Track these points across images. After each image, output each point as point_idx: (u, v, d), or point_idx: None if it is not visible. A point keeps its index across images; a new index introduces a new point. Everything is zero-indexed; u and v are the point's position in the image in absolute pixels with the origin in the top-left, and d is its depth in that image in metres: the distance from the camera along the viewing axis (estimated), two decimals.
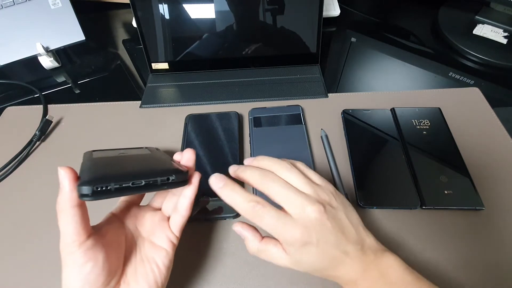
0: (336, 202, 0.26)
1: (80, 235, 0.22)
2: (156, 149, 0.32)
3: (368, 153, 0.38)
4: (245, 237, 0.27)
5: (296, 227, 0.23)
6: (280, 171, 0.26)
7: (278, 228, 0.24)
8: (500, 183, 0.36)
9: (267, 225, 0.24)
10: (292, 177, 0.26)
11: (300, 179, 0.26)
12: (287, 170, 0.26)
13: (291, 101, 0.46)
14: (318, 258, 0.24)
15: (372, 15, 0.61)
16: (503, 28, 0.53)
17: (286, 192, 0.24)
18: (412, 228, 0.33)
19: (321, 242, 0.23)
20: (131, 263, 0.25)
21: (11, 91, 0.51)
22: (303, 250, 0.24)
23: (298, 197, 0.24)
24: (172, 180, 0.23)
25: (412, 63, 0.51)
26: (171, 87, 0.49)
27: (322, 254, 0.24)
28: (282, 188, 0.25)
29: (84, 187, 0.20)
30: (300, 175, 0.26)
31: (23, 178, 0.40)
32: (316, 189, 0.25)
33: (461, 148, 0.38)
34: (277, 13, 0.46)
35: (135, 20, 0.45)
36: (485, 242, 0.32)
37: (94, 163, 0.24)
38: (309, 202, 0.24)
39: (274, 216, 0.24)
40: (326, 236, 0.24)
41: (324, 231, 0.24)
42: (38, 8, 0.51)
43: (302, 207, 0.24)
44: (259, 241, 0.26)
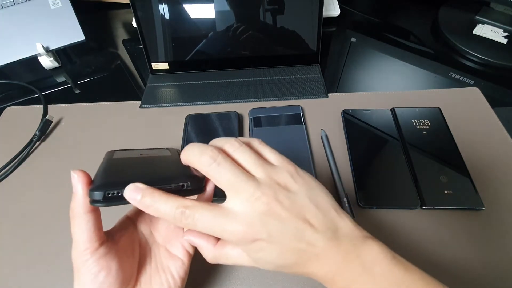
0: (296, 184, 0.21)
1: (93, 242, 0.21)
2: (176, 151, 0.31)
3: (368, 153, 0.38)
4: (198, 246, 0.23)
5: (237, 223, 0.20)
6: (230, 150, 0.22)
7: (217, 229, 0.20)
8: (500, 183, 0.36)
9: (204, 229, 0.20)
10: (241, 156, 0.22)
11: (250, 159, 0.21)
12: (236, 149, 0.22)
13: (291, 101, 0.46)
14: (276, 255, 0.20)
15: (372, 15, 0.61)
16: (503, 28, 0.53)
17: (229, 178, 0.20)
18: (412, 228, 0.33)
19: (274, 235, 0.20)
20: (146, 271, 0.24)
21: (11, 91, 0.51)
22: (254, 247, 0.20)
23: (244, 185, 0.20)
24: (187, 187, 0.22)
25: (412, 63, 0.51)
26: (171, 87, 0.49)
27: (279, 249, 0.20)
28: (225, 173, 0.20)
29: (95, 192, 0.20)
30: (252, 154, 0.22)
31: (23, 178, 0.40)
32: (270, 172, 0.21)
33: (461, 148, 0.38)
34: (277, 13, 0.46)
35: (135, 20, 0.45)
36: (485, 242, 0.32)
37: (110, 166, 0.23)
38: (255, 190, 0.20)
39: (209, 218, 0.20)
40: (281, 228, 0.20)
41: (277, 222, 0.20)
42: (38, 8, 0.51)
43: (248, 196, 0.20)
44: (213, 246, 0.23)
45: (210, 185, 0.23)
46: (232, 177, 0.20)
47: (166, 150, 0.31)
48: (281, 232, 0.20)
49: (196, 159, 0.21)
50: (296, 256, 0.20)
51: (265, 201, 0.20)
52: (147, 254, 0.25)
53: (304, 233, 0.20)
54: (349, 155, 0.38)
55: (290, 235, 0.20)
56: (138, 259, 0.24)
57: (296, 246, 0.20)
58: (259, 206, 0.20)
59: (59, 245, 0.33)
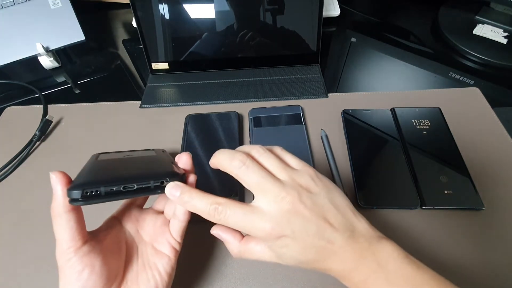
0: (316, 187, 0.23)
1: (76, 241, 0.21)
2: (162, 151, 0.32)
3: (368, 153, 0.38)
4: (225, 241, 0.25)
5: (265, 220, 0.21)
6: (256, 155, 0.24)
7: (246, 225, 0.22)
8: (500, 183, 0.36)
9: (235, 225, 0.22)
10: (266, 161, 0.24)
11: (275, 163, 0.24)
12: (261, 154, 0.24)
13: (291, 101, 0.46)
14: (299, 251, 0.22)
15: (372, 15, 0.61)
16: (503, 28, 0.53)
17: (257, 180, 0.22)
18: (412, 228, 0.33)
19: (298, 233, 0.21)
20: (132, 268, 0.25)
21: (11, 91, 0.51)
22: (279, 243, 0.22)
23: (270, 186, 0.22)
24: (167, 183, 0.23)
25: (412, 63, 0.51)
26: (171, 87, 0.49)
27: (302, 246, 0.21)
28: (253, 175, 0.23)
29: (73, 191, 0.20)
30: (275, 159, 0.24)
31: (23, 178, 0.40)
32: (293, 175, 0.23)
33: (461, 148, 0.38)
34: (277, 13, 0.46)
35: (135, 20, 0.45)
36: (485, 242, 0.32)
37: (93, 167, 0.24)
38: (281, 191, 0.22)
39: (240, 214, 0.22)
40: (304, 226, 0.21)
41: (301, 221, 0.21)
42: (38, 8, 0.51)
43: (274, 197, 0.22)
44: (239, 242, 0.24)
45: (191, 179, 0.25)
46: (260, 179, 0.22)
47: (152, 151, 0.31)
48: (304, 230, 0.21)
49: (227, 163, 0.23)
50: (317, 252, 0.22)
51: (289, 201, 0.22)
52: (133, 252, 0.26)
53: (324, 231, 0.22)
54: (349, 155, 0.38)
55: (312, 233, 0.21)
56: (125, 257, 0.25)
57: (317, 243, 0.21)
58: (285, 206, 0.22)
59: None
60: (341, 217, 0.22)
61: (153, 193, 0.23)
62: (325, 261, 0.22)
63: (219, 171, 0.37)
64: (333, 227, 0.22)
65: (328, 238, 0.21)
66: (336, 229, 0.22)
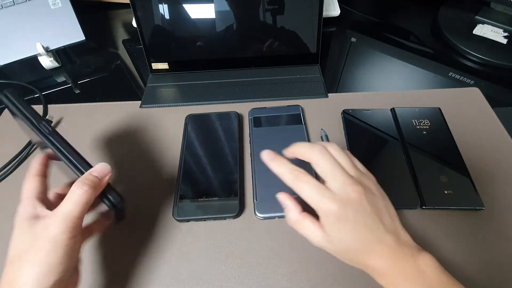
0: (377, 191, 0.26)
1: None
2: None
3: (368, 153, 0.38)
4: (286, 206, 0.28)
5: (334, 201, 0.24)
6: (331, 150, 0.27)
7: (316, 198, 0.25)
8: (500, 183, 0.36)
9: (306, 194, 0.25)
10: (340, 157, 0.27)
11: (347, 161, 0.27)
12: (336, 151, 0.27)
13: (291, 101, 0.46)
14: (352, 236, 0.24)
15: (372, 15, 0.61)
16: (503, 28, 0.53)
17: (331, 167, 0.26)
18: (412, 228, 0.33)
19: (356, 220, 0.24)
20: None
21: None
22: (337, 225, 0.24)
23: (342, 175, 0.25)
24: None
25: (412, 63, 0.51)
26: (171, 87, 0.49)
27: (356, 233, 0.24)
28: (328, 162, 0.26)
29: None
30: (348, 158, 0.27)
31: (23, 178, 0.39)
32: (360, 175, 0.26)
33: (461, 148, 0.38)
34: (277, 13, 0.46)
35: (135, 20, 0.45)
36: (485, 242, 0.32)
37: None
38: (352, 182, 0.25)
39: (315, 187, 0.25)
40: (363, 217, 0.24)
41: (362, 211, 0.24)
42: (38, 8, 0.51)
43: (344, 184, 0.25)
44: (299, 213, 0.27)
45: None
46: (334, 167, 0.26)
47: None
48: (363, 220, 0.24)
49: (306, 150, 0.27)
50: (365, 244, 0.24)
51: (357, 192, 0.24)
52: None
53: (378, 228, 0.24)
54: None
55: (369, 225, 0.24)
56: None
57: (369, 236, 0.24)
58: (352, 194, 0.24)
59: None
60: (392, 222, 0.25)
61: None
62: (369, 255, 0.24)
63: (219, 171, 0.37)
64: (385, 227, 0.24)
65: (379, 235, 0.24)
66: (387, 230, 0.24)
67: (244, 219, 0.35)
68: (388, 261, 0.23)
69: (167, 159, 0.40)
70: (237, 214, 0.34)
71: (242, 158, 0.39)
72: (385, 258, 0.24)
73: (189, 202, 0.35)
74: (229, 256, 0.32)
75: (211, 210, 0.34)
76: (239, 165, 0.38)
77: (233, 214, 0.34)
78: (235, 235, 0.34)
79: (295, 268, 0.31)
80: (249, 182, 0.37)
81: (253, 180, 0.36)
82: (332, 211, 0.24)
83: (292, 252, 0.32)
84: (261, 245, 0.33)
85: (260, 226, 0.34)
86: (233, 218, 0.34)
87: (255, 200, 0.35)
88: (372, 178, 0.28)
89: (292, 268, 0.31)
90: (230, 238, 0.33)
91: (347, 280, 0.30)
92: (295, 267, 0.31)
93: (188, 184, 0.36)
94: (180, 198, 0.35)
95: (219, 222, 0.34)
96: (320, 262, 0.31)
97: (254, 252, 0.32)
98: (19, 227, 0.26)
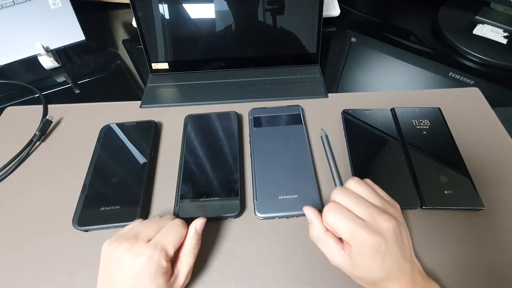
0: (401, 218, 0.27)
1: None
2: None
3: (368, 153, 0.38)
4: (312, 221, 0.29)
5: (368, 232, 0.25)
6: (351, 186, 0.28)
7: (353, 228, 0.25)
8: (500, 183, 0.36)
9: (340, 225, 0.26)
10: (361, 190, 0.28)
11: (370, 192, 0.28)
12: (357, 184, 0.28)
13: (291, 101, 0.46)
14: (379, 269, 0.25)
15: (372, 15, 0.61)
16: (503, 28, 0.53)
17: (355, 201, 0.27)
18: (412, 228, 0.33)
19: (387, 254, 0.24)
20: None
21: (11, 91, 0.51)
22: (369, 256, 0.25)
23: (368, 206, 0.26)
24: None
25: (412, 63, 0.51)
26: (171, 87, 0.49)
27: (384, 264, 0.24)
28: (351, 198, 0.27)
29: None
30: (370, 188, 0.28)
31: (23, 178, 0.40)
32: (385, 203, 0.27)
33: (461, 148, 0.38)
34: (277, 13, 0.46)
35: (135, 20, 0.45)
36: (485, 242, 0.32)
37: None
38: (379, 211, 0.26)
39: (349, 218, 0.26)
40: (392, 249, 0.25)
41: (391, 243, 0.25)
42: (38, 8, 0.51)
43: (371, 214, 0.26)
44: (324, 231, 0.27)
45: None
46: (358, 201, 0.27)
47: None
48: (391, 252, 0.25)
49: (327, 208, 0.28)
50: (388, 274, 0.25)
51: (386, 220, 0.25)
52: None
53: (400, 258, 0.25)
54: (349, 155, 0.38)
55: (394, 255, 0.25)
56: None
57: (392, 267, 0.25)
58: (382, 224, 0.25)
59: (58, 245, 0.33)
60: (410, 251, 0.26)
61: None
62: (389, 283, 0.25)
63: (219, 171, 0.37)
64: (405, 257, 0.25)
65: (400, 265, 0.25)
66: (406, 260, 0.25)
67: (244, 219, 0.35)
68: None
69: (167, 159, 0.40)
70: (238, 214, 0.34)
71: (242, 158, 0.39)
72: (401, 285, 0.25)
73: (189, 202, 0.35)
74: (229, 256, 0.32)
75: (212, 210, 0.34)
76: (239, 165, 0.38)
77: (234, 213, 0.34)
78: (235, 235, 0.34)
79: (295, 268, 0.31)
80: (249, 182, 0.37)
81: (253, 180, 0.36)
82: (367, 243, 0.24)
83: (292, 252, 0.32)
84: (261, 245, 0.33)
85: (260, 226, 0.34)
86: (234, 218, 0.34)
87: (255, 200, 0.35)
88: (397, 206, 0.28)
89: (292, 268, 0.31)
90: (230, 238, 0.33)
91: (347, 280, 0.30)
92: (295, 267, 0.31)
93: (189, 184, 0.36)
94: (181, 198, 0.35)
95: (219, 222, 0.34)
96: (320, 262, 0.31)
97: (254, 252, 0.32)
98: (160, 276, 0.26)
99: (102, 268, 0.27)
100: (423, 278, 0.26)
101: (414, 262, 0.27)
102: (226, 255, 0.32)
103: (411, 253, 0.27)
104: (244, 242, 0.33)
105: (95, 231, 0.34)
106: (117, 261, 0.26)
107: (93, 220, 0.34)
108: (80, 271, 0.32)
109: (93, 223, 0.33)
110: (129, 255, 0.25)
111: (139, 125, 0.42)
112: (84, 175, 0.37)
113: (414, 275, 0.26)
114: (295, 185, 0.35)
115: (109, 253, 0.26)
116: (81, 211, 0.34)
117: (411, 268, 0.25)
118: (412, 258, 0.26)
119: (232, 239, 0.33)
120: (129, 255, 0.25)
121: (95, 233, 0.34)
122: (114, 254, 0.26)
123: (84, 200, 0.35)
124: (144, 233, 0.27)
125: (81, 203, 0.35)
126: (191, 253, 0.28)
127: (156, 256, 0.25)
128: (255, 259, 0.32)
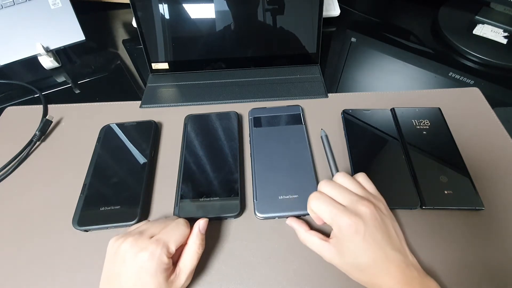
0: (386, 212, 0.28)
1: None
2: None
3: (368, 153, 0.38)
4: (294, 228, 0.31)
5: (346, 214, 0.26)
6: (338, 179, 0.30)
7: (333, 212, 0.27)
8: (500, 183, 0.36)
9: (322, 210, 0.28)
10: (346, 183, 0.29)
11: (355, 185, 0.29)
12: (343, 178, 0.30)
13: (291, 101, 0.46)
14: (362, 251, 0.25)
15: (372, 15, 0.61)
16: (503, 28, 0.53)
17: (338, 191, 0.28)
18: (412, 228, 0.33)
19: (367, 236, 0.25)
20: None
21: (11, 91, 0.51)
22: (349, 238, 0.25)
23: (349, 194, 0.28)
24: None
25: (412, 63, 0.51)
26: (171, 87, 0.49)
27: (366, 247, 0.25)
28: (335, 188, 0.29)
29: None
30: (355, 182, 0.29)
31: (23, 178, 0.40)
32: (369, 195, 0.28)
33: (461, 148, 0.38)
34: (277, 13, 0.46)
35: (135, 20, 0.45)
36: (485, 242, 0.32)
37: None
38: (359, 198, 0.27)
39: (329, 204, 0.27)
40: (373, 232, 0.25)
41: (371, 226, 0.26)
42: (38, 8, 0.51)
43: (352, 201, 0.27)
44: (305, 231, 0.30)
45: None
46: (341, 190, 0.29)
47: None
48: (373, 235, 0.25)
49: (312, 196, 0.29)
50: (375, 259, 0.25)
51: (366, 205, 0.26)
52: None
53: (386, 245, 0.25)
54: (349, 155, 0.38)
55: (378, 240, 0.25)
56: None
57: (378, 252, 0.25)
58: (362, 208, 0.26)
59: (58, 245, 0.33)
60: (399, 242, 0.27)
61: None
62: (379, 273, 0.25)
63: (219, 171, 0.37)
64: (393, 245, 0.26)
65: (387, 253, 0.25)
66: (396, 248, 0.26)
67: (244, 219, 0.35)
68: (397, 283, 0.24)
69: (167, 159, 0.40)
70: (238, 214, 0.34)
71: (242, 158, 0.39)
72: (393, 279, 0.25)
73: (189, 202, 0.35)
74: (229, 256, 0.32)
75: (212, 210, 0.34)
76: (239, 165, 0.38)
77: (234, 213, 0.34)
78: (235, 235, 0.34)
79: (295, 268, 0.31)
80: (249, 182, 0.37)
81: (253, 180, 0.36)
82: (344, 224, 0.26)
83: (292, 252, 0.32)
84: (261, 245, 0.33)
85: (260, 226, 0.34)
86: (234, 218, 0.34)
87: (255, 200, 0.35)
88: (382, 200, 0.29)
89: (292, 268, 0.31)
90: (230, 238, 0.33)
91: (347, 280, 0.30)
92: (295, 267, 0.31)
93: (189, 184, 0.36)
94: (181, 198, 0.35)
95: (219, 222, 0.34)
96: (320, 262, 0.31)
97: (254, 252, 0.32)
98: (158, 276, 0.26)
99: (107, 263, 0.27)
100: (420, 274, 0.26)
101: (407, 255, 0.26)
102: (226, 255, 0.32)
103: (401, 244, 0.27)
104: (244, 242, 0.33)
105: (95, 231, 0.34)
106: (122, 256, 0.26)
107: (93, 220, 0.34)
108: (80, 271, 0.32)
109: (93, 223, 0.33)
110: (133, 250, 0.26)
111: (139, 125, 0.42)
112: (84, 175, 0.37)
113: (408, 269, 0.25)
114: (295, 185, 0.36)
115: (115, 249, 0.27)
116: (81, 211, 0.34)
117: (402, 260, 0.25)
118: (402, 249, 0.26)
119: (232, 239, 0.33)
120: (133, 250, 0.26)
121: (95, 233, 0.34)
122: (120, 249, 0.27)
123: (84, 200, 0.35)
124: (149, 231, 0.28)
125: (81, 203, 0.35)
126: (195, 253, 0.29)
127: (158, 251, 0.26)
128: (255, 259, 0.32)
